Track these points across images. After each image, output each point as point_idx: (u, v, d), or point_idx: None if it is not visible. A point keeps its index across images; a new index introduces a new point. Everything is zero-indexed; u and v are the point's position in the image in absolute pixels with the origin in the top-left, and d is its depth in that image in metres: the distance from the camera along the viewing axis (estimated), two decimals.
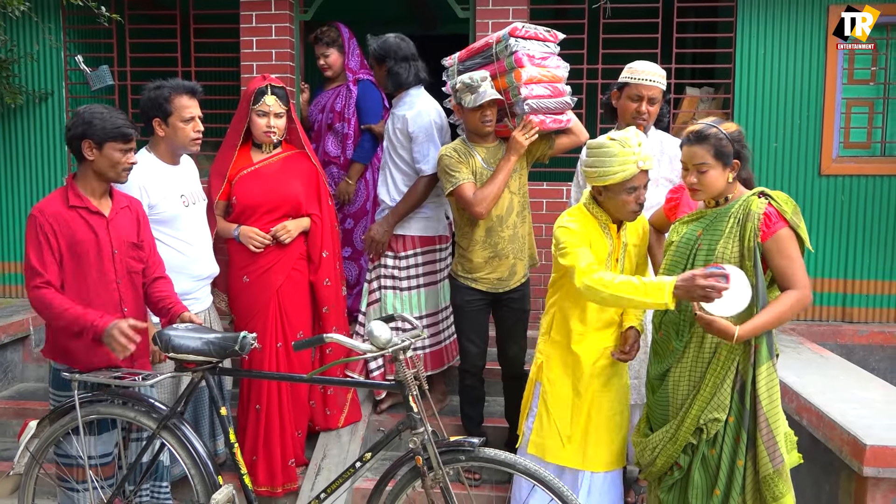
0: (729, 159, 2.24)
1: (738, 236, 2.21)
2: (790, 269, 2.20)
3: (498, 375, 3.36)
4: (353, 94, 3.84)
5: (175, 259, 2.84)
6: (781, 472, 2.20)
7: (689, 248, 2.30)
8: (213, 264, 3.03)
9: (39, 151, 4.59)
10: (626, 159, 2.35)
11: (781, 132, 4.13)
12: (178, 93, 2.80)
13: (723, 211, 2.27)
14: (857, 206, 4.12)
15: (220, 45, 4.54)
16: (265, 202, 3.10)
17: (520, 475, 2.29)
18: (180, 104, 2.80)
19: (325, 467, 3.24)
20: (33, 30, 4.42)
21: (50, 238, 2.41)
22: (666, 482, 2.36)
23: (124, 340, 2.32)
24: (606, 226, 2.51)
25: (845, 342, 4.05)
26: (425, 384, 2.29)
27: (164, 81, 2.84)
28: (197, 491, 2.44)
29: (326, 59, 3.88)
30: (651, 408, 2.45)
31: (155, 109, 2.80)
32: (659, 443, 2.35)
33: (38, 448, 2.52)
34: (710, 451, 2.28)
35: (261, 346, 3.10)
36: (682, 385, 2.31)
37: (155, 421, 2.45)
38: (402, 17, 5.86)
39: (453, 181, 3.00)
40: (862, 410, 2.62)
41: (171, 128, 2.82)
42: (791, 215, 2.20)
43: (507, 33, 3.01)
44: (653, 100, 2.90)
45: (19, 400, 3.92)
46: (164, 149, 2.88)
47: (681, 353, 2.30)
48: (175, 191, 2.87)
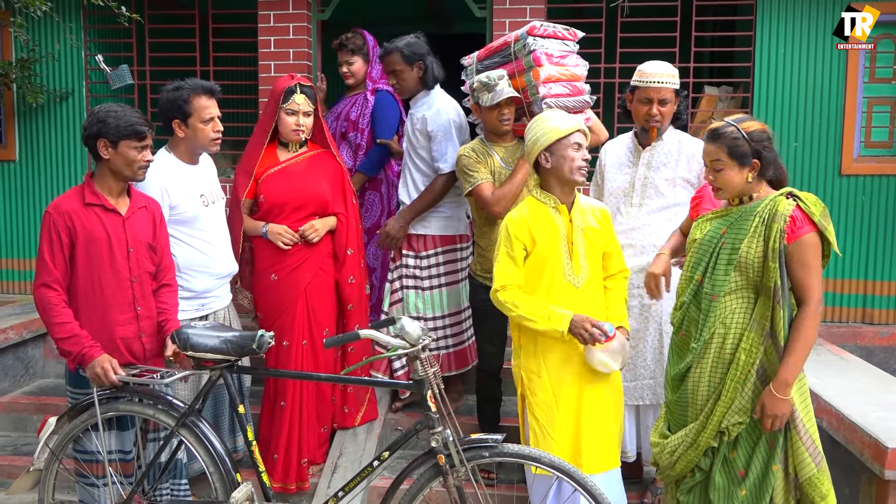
0: (746, 159, 2.20)
1: (763, 236, 2.17)
2: (808, 280, 2.15)
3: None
4: (369, 103, 3.73)
5: (196, 258, 2.86)
6: (824, 470, 2.18)
7: (712, 245, 2.27)
8: (232, 262, 3.05)
9: (60, 150, 4.65)
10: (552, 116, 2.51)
11: (801, 131, 4.09)
12: (197, 93, 2.80)
13: (748, 209, 2.23)
14: (879, 207, 4.07)
15: (239, 45, 4.58)
16: (292, 200, 3.11)
17: (543, 469, 2.29)
18: (199, 105, 2.80)
19: (341, 465, 3.25)
20: (54, 29, 4.48)
21: (62, 235, 2.44)
22: (686, 484, 2.34)
23: (102, 376, 2.41)
24: (556, 208, 2.53)
25: (865, 344, 4.00)
26: (442, 383, 2.29)
27: (183, 82, 2.85)
28: (216, 488, 2.46)
29: (350, 66, 3.74)
30: (670, 408, 2.43)
31: (174, 111, 2.81)
32: (678, 446, 2.32)
33: (57, 444, 2.55)
34: (731, 452, 2.25)
35: (288, 344, 3.12)
36: (701, 386, 2.28)
37: (173, 419, 2.48)
38: (418, 15, 5.86)
39: (472, 181, 3.00)
40: (883, 413, 2.59)
41: (191, 129, 2.82)
42: (819, 217, 2.15)
43: (525, 32, 3.00)
44: (664, 101, 2.87)
45: (40, 395, 3.98)
46: (183, 149, 2.89)
47: (700, 353, 2.27)
48: (195, 190, 2.88)
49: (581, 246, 2.53)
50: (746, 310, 2.21)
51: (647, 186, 2.93)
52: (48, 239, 2.45)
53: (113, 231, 2.50)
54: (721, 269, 2.22)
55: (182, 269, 2.82)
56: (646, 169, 2.94)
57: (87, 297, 2.49)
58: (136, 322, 2.55)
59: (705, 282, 2.26)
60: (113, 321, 2.51)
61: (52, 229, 2.44)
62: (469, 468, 2.22)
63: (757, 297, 2.20)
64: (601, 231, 2.59)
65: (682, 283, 2.38)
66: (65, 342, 2.43)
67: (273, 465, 3.12)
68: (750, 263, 2.18)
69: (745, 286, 2.21)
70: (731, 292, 2.22)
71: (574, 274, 2.53)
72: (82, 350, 2.42)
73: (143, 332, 2.57)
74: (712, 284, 2.23)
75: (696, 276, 2.30)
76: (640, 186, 2.93)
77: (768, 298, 2.17)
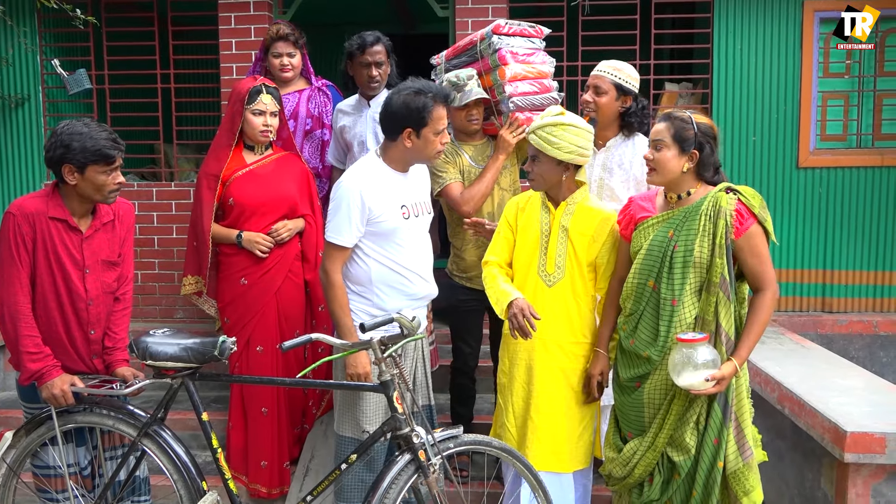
0: (687, 145, 2.24)
1: (711, 233, 2.22)
2: (761, 268, 2.23)
3: (487, 373, 3.36)
4: (329, 98, 3.65)
5: (388, 276, 2.54)
6: (751, 466, 2.24)
7: (662, 250, 2.29)
8: (433, 286, 2.69)
9: (17, 157, 4.52)
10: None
11: (759, 126, 4.17)
12: (438, 103, 2.45)
13: (692, 210, 2.26)
14: (835, 198, 4.17)
15: (199, 47, 4.51)
16: (263, 203, 3.07)
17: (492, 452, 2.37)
18: (438, 115, 2.45)
19: (312, 468, 3.22)
20: (8, 34, 4.36)
21: (26, 239, 2.31)
22: (647, 496, 2.36)
23: (59, 397, 2.34)
24: (545, 205, 2.56)
25: (825, 332, 4.10)
26: (409, 384, 2.29)
27: (423, 85, 2.49)
28: (181, 497, 2.42)
29: (291, 59, 3.49)
30: (622, 411, 2.43)
31: (410, 119, 2.44)
32: (636, 451, 2.35)
33: (14, 459, 2.48)
34: (682, 456, 2.29)
35: (262, 349, 3.09)
36: (660, 388, 2.33)
37: (135, 428, 2.43)
38: (381, 18, 5.85)
39: (440, 181, 2.99)
40: (842, 398, 2.64)
41: (422, 139, 2.47)
42: (759, 210, 2.22)
43: (490, 30, 3.01)
44: (598, 89, 2.86)
45: (1, 409, 3.87)
46: (398, 157, 2.54)
47: (659, 364, 2.31)
48: (396, 201, 2.54)
49: (562, 247, 2.52)
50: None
51: (602, 188, 2.94)
52: (13, 241, 2.30)
53: (72, 249, 2.38)
54: (678, 273, 2.25)
55: (374, 282, 2.53)
56: (601, 170, 2.94)
57: (42, 306, 2.38)
58: (88, 345, 2.46)
59: (662, 288, 2.27)
60: (68, 336, 2.42)
61: (15, 231, 2.30)
62: (443, 462, 2.24)
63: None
64: (592, 240, 2.51)
65: (630, 290, 2.37)
66: (29, 357, 2.31)
67: (260, 471, 3.10)
68: (703, 263, 2.22)
69: (700, 287, 2.25)
70: (690, 294, 2.25)
71: (547, 272, 2.53)
72: (43, 368, 2.32)
73: (96, 354, 2.50)
74: (671, 289, 2.26)
75: (648, 282, 2.31)
76: (595, 188, 2.93)
77: (711, 294, 2.22)
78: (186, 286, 3.25)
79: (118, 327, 2.54)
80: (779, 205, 4.19)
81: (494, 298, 2.51)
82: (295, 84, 3.60)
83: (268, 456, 3.11)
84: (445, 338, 3.52)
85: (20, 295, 2.33)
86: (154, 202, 4.39)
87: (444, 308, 3.29)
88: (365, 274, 2.52)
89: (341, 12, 5.66)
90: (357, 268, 2.53)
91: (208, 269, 3.13)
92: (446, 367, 3.45)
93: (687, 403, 2.26)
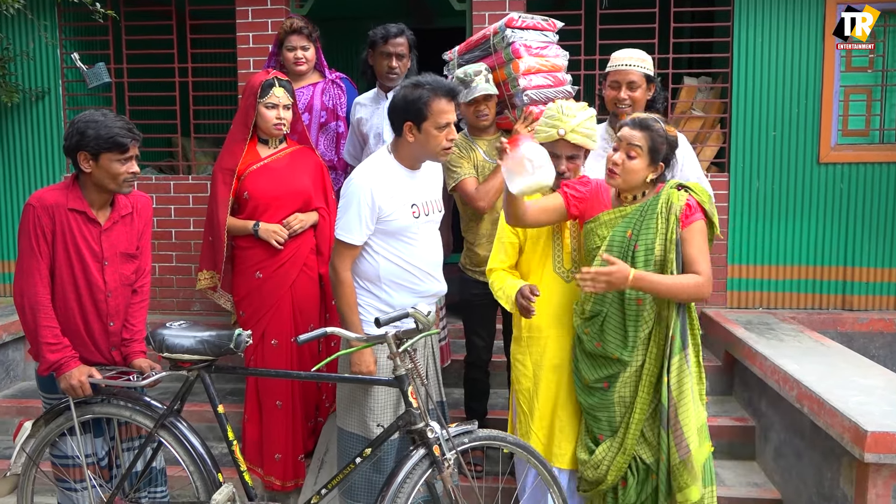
0: (657, 157, 2.29)
1: (664, 231, 2.27)
2: (698, 255, 2.28)
3: (501, 367, 3.35)
4: (343, 90, 3.65)
5: (396, 273, 2.52)
6: (687, 463, 2.26)
7: (622, 250, 2.32)
8: (442, 283, 2.66)
9: (36, 150, 4.58)
10: (555, 123, 2.44)
11: (780, 121, 4.12)
12: (437, 95, 2.40)
13: (648, 208, 2.31)
14: (857, 194, 4.11)
15: (217, 41, 4.53)
16: (278, 197, 3.08)
17: (508, 448, 2.38)
18: (439, 108, 2.40)
19: (327, 461, 3.24)
20: (28, 28, 4.41)
21: (46, 231, 2.34)
22: (623, 500, 2.40)
23: (77, 388, 2.37)
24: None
25: (845, 330, 4.04)
26: (424, 379, 2.29)
27: (423, 79, 2.45)
28: (197, 488, 2.44)
29: (305, 52, 3.50)
30: (591, 413, 2.44)
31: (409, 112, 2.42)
32: (606, 456, 2.38)
33: (34, 449, 2.52)
34: (653, 456, 2.35)
35: (277, 342, 3.10)
36: (629, 387, 2.37)
37: (152, 420, 2.45)
38: (398, 11, 5.83)
39: (455, 176, 2.99)
40: (863, 397, 2.61)
41: (424, 134, 2.43)
42: (708, 205, 2.30)
43: (503, 24, 3.00)
44: (632, 84, 2.84)
45: (21, 398, 3.93)
46: (406, 154, 2.52)
47: (628, 364, 2.35)
48: (406, 200, 2.51)
49: (576, 240, 2.53)
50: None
51: None
52: (33, 233, 2.33)
53: (91, 241, 2.41)
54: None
55: (383, 279, 2.52)
56: None
57: (61, 297, 2.42)
58: (106, 337, 2.49)
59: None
60: (86, 327, 2.45)
61: (35, 223, 2.34)
62: (457, 457, 2.24)
63: None
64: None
65: (589, 292, 2.34)
66: (48, 347, 2.35)
67: (275, 464, 3.12)
68: (660, 261, 2.27)
69: None
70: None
71: (564, 267, 2.54)
72: (62, 359, 2.35)
73: (114, 346, 2.52)
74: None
75: None
76: None
77: None
78: (202, 281, 3.27)
79: (136, 319, 2.56)
80: (799, 201, 4.13)
81: (503, 294, 2.52)
82: (309, 77, 3.61)
83: (282, 449, 3.13)
84: (459, 332, 3.52)
85: (40, 286, 2.36)
86: (172, 195, 4.43)
87: (457, 302, 3.30)
88: (374, 270, 2.51)
89: (358, 6, 5.67)
90: (366, 264, 2.52)
91: (224, 263, 3.15)
92: (460, 362, 3.45)
93: (648, 398, 2.32)
